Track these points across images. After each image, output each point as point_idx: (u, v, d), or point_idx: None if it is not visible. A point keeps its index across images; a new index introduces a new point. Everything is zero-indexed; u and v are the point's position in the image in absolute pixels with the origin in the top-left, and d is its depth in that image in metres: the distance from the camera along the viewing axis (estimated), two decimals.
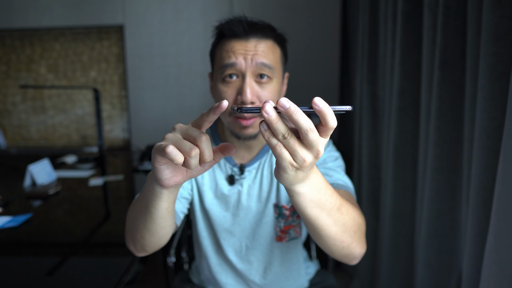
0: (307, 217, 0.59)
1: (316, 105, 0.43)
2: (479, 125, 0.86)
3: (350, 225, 0.65)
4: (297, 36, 2.44)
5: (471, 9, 0.93)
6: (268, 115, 0.43)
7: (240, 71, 0.81)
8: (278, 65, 0.86)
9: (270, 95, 0.83)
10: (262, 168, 0.94)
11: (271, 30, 0.85)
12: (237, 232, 0.96)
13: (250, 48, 0.81)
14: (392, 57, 1.46)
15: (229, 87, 0.83)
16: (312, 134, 0.44)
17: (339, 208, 0.61)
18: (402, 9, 1.31)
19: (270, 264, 0.99)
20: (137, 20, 2.51)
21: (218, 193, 0.95)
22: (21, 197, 1.42)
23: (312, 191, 0.55)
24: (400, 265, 1.47)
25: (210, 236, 1.01)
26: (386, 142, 1.55)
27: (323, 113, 0.43)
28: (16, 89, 2.82)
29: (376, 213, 1.76)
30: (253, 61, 0.80)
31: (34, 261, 0.95)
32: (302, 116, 0.43)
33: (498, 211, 0.75)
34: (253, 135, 0.88)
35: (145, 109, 2.61)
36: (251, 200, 0.94)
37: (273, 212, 0.94)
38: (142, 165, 1.96)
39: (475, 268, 0.90)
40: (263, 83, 0.82)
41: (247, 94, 0.79)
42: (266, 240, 0.96)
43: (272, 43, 0.84)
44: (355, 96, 2.07)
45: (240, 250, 0.98)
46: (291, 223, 0.95)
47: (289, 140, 0.45)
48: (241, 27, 0.80)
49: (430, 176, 1.14)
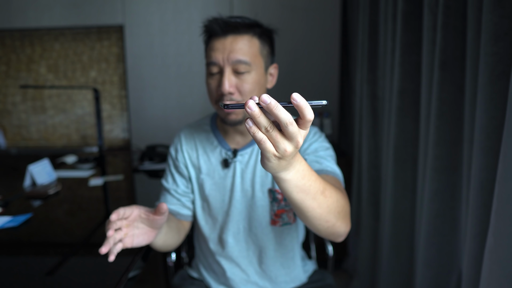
0: (293, 201, 0.65)
1: (294, 100, 0.47)
2: (479, 125, 0.86)
3: (334, 207, 0.71)
4: (297, 36, 2.44)
5: (471, 9, 0.93)
6: (251, 110, 0.48)
7: (219, 66, 0.92)
8: (257, 58, 0.94)
9: (249, 86, 0.92)
10: (257, 154, 1.02)
11: (247, 26, 0.92)
12: (234, 214, 1.02)
13: (226, 45, 0.91)
14: (392, 57, 1.46)
15: (213, 80, 0.95)
16: (292, 127, 0.49)
17: (323, 192, 0.67)
18: (402, 9, 1.31)
19: (265, 248, 1.04)
20: (137, 20, 2.51)
21: (215, 179, 1.03)
22: (21, 197, 1.42)
23: (296, 177, 0.60)
24: (400, 265, 1.47)
25: (209, 223, 1.07)
26: (386, 142, 1.55)
27: (301, 107, 0.47)
28: (16, 89, 2.82)
29: (376, 213, 1.76)
30: (229, 59, 0.90)
31: (34, 261, 0.95)
32: (282, 110, 0.47)
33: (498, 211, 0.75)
34: (238, 121, 0.96)
35: (145, 109, 2.61)
36: (244, 183, 1.01)
37: (268, 197, 1.01)
38: (142, 165, 1.96)
39: (475, 268, 0.90)
40: (242, 75, 0.92)
41: (225, 86, 0.90)
42: (261, 223, 1.02)
43: (249, 37, 0.92)
44: (355, 96, 2.07)
45: (238, 232, 1.03)
46: (284, 208, 1.01)
47: (271, 132, 0.50)
48: (218, 26, 0.91)
49: (430, 176, 1.14)
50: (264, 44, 0.96)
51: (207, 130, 1.08)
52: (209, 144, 1.05)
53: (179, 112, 2.60)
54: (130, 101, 2.61)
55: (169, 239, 0.95)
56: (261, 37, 0.95)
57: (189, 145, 1.07)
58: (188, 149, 1.07)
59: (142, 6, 2.49)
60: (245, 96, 0.92)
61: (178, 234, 0.99)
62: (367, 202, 1.80)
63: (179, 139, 1.09)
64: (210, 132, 1.07)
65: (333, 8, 2.40)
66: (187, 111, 2.59)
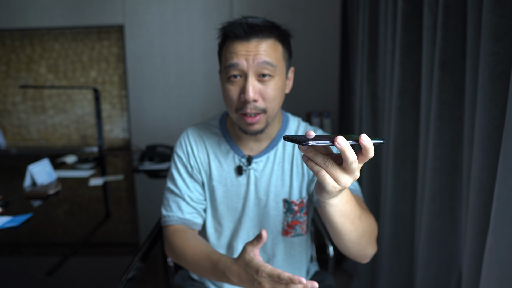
0: (334, 224, 0.70)
1: (363, 141, 0.52)
2: (479, 125, 0.86)
3: (367, 231, 0.77)
4: (297, 36, 2.43)
5: (471, 9, 0.92)
6: (340, 145, 0.51)
7: (243, 71, 0.86)
8: (280, 62, 0.89)
9: (273, 92, 0.87)
10: (273, 163, 0.98)
11: (271, 29, 0.87)
12: (246, 222, 1.00)
13: (251, 48, 0.85)
14: (392, 57, 1.46)
15: (234, 86, 0.88)
16: (355, 163, 0.53)
17: (360, 217, 0.72)
18: (402, 9, 1.31)
19: (274, 257, 1.02)
20: (137, 20, 2.51)
21: (228, 186, 1.00)
22: (21, 197, 1.42)
23: (341, 202, 0.65)
24: (400, 265, 1.47)
25: (218, 231, 1.04)
26: (386, 142, 1.55)
27: (367, 148, 0.52)
28: (16, 89, 2.82)
29: (376, 213, 1.76)
30: (254, 61, 0.84)
31: (34, 261, 0.95)
32: (351, 151, 0.52)
33: (498, 211, 0.75)
34: (259, 130, 0.92)
35: (145, 109, 2.61)
36: (258, 192, 0.98)
37: (282, 207, 0.98)
38: (142, 165, 1.96)
39: (475, 268, 0.90)
40: (266, 81, 0.87)
41: (249, 93, 0.85)
42: (272, 233, 1.00)
43: (273, 41, 0.87)
44: (355, 96, 2.07)
45: (248, 239, 1.00)
46: (299, 219, 1.00)
47: (330, 168, 0.54)
48: (242, 29, 0.84)
49: (430, 176, 1.14)
50: (285, 48, 0.92)
51: (217, 134, 1.02)
52: (221, 149, 1.01)
53: (179, 112, 2.60)
54: (130, 101, 2.61)
55: None
56: (283, 40, 0.90)
57: (200, 149, 1.02)
58: (200, 153, 1.02)
59: (142, 6, 2.49)
60: (269, 102, 0.88)
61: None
62: (367, 202, 1.80)
63: (188, 141, 1.03)
64: (221, 136, 1.01)
65: (333, 8, 2.40)
66: (187, 111, 2.59)
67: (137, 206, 1.41)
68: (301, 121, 1.07)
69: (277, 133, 1.00)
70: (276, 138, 1.00)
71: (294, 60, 2.46)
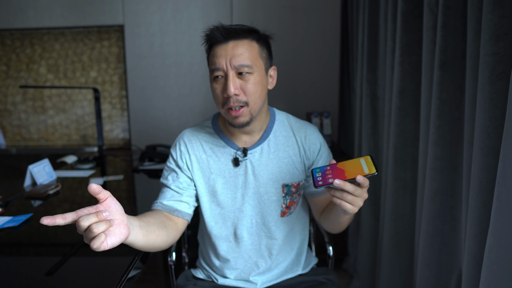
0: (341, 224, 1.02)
1: (359, 181, 0.77)
2: (479, 125, 0.86)
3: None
4: (297, 36, 2.44)
5: (471, 9, 0.92)
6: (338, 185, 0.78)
7: (224, 71, 0.97)
8: (258, 60, 0.99)
9: (252, 86, 0.97)
10: (268, 152, 1.07)
11: (246, 32, 0.99)
12: (248, 210, 1.07)
13: (228, 50, 0.97)
14: (392, 57, 1.46)
15: (218, 84, 0.99)
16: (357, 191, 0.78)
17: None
18: (402, 9, 1.31)
19: (276, 239, 1.10)
20: (137, 20, 2.51)
21: (226, 177, 1.07)
22: (21, 197, 1.42)
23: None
24: (400, 265, 1.47)
25: (219, 223, 1.09)
26: (386, 142, 1.55)
27: (362, 184, 0.78)
28: (16, 89, 2.82)
29: (376, 213, 1.76)
30: (231, 63, 0.96)
31: (34, 261, 0.95)
32: (348, 185, 0.77)
33: (498, 211, 0.75)
34: (245, 123, 1.00)
35: (145, 109, 2.61)
36: (257, 180, 1.06)
37: (281, 192, 1.07)
38: (142, 165, 1.96)
39: (475, 268, 0.90)
40: (245, 77, 0.97)
41: (230, 89, 0.95)
42: (273, 217, 1.08)
43: (248, 42, 0.99)
44: (355, 96, 2.07)
45: (251, 226, 1.09)
46: (294, 199, 1.10)
47: (347, 197, 0.79)
48: (219, 34, 0.97)
49: (430, 176, 1.14)
50: (263, 47, 1.02)
51: (211, 132, 1.11)
52: (217, 144, 1.09)
53: (179, 112, 2.60)
54: (130, 101, 2.61)
55: (152, 236, 0.86)
56: (259, 41, 1.01)
57: (196, 147, 1.09)
58: (195, 151, 1.08)
59: (142, 6, 2.49)
60: (249, 96, 0.97)
61: (165, 231, 0.92)
62: (367, 202, 1.80)
63: (182, 141, 1.10)
64: (215, 134, 1.10)
65: (333, 8, 2.40)
66: (187, 111, 2.59)
67: (137, 206, 1.41)
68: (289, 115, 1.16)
69: (267, 126, 1.09)
70: (267, 130, 1.09)
71: (294, 60, 2.46)
